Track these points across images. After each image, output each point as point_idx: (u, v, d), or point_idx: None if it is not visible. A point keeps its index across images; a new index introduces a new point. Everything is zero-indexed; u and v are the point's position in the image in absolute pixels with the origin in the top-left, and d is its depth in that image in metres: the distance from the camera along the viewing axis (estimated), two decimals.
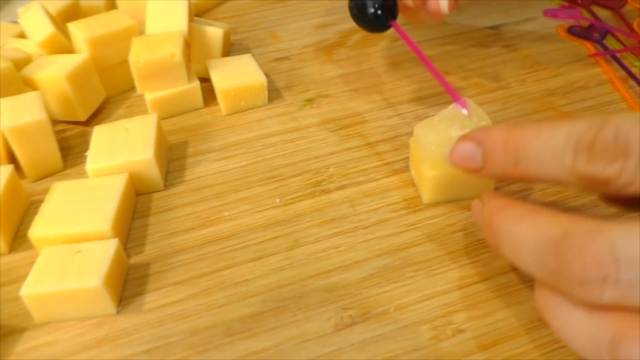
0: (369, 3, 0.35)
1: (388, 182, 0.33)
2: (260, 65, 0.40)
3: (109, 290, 0.26)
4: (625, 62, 0.42)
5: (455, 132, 0.29)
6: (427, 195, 0.31)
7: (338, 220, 0.31)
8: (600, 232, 0.19)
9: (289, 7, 0.52)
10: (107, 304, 0.26)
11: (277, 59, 0.45)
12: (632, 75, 0.40)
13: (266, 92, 0.39)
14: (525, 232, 0.22)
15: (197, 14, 0.48)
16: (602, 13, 0.48)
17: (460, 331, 0.26)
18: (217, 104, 0.40)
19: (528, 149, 0.23)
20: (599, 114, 0.38)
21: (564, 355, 0.24)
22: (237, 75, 0.39)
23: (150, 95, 0.38)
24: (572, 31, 0.46)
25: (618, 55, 0.42)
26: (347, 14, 0.50)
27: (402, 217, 0.31)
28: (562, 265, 0.20)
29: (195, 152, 0.36)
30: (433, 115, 0.31)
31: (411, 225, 0.30)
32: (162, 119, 0.38)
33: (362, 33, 0.47)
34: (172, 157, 0.36)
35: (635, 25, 0.45)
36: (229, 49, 0.45)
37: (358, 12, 0.36)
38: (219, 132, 0.38)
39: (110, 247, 0.27)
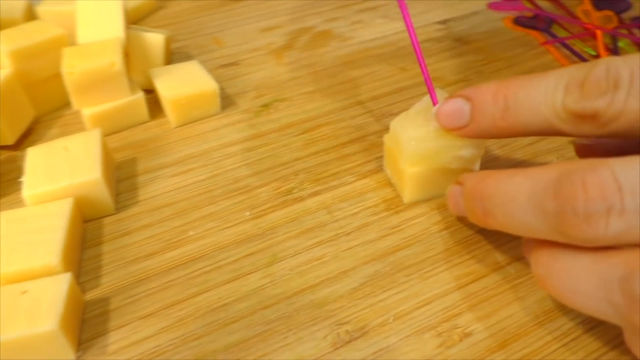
0: None
1: (363, 185, 0.31)
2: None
3: (66, 334, 0.22)
4: (575, 49, 0.42)
5: (435, 125, 0.27)
6: (407, 194, 0.29)
7: (316, 229, 0.28)
8: (601, 164, 0.19)
9: (229, 12, 0.49)
10: (65, 350, 0.23)
11: (223, 65, 0.42)
12: (585, 61, 0.40)
13: (219, 99, 0.36)
14: (520, 184, 0.21)
15: (130, 23, 0.44)
16: (543, 3, 0.49)
17: (467, 335, 0.24)
18: (164, 116, 0.37)
19: (519, 94, 0.23)
20: None
21: (582, 344, 0.23)
22: (186, 83, 0.36)
23: (89, 110, 0.34)
24: (519, 22, 0.46)
25: (568, 42, 0.42)
26: (292, 15, 0.48)
27: (384, 219, 0.29)
28: (565, 204, 0.19)
29: (147, 169, 0.33)
30: (407, 110, 0.29)
31: (395, 228, 0.28)
32: (104, 135, 0.34)
33: (311, 34, 0.45)
34: (121, 177, 0.32)
35: (578, 12, 0.46)
36: (170, 57, 0.42)
37: None
38: (171, 146, 0.34)
39: (62, 282, 0.24)
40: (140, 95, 0.35)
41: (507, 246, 0.27)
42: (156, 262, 0.27)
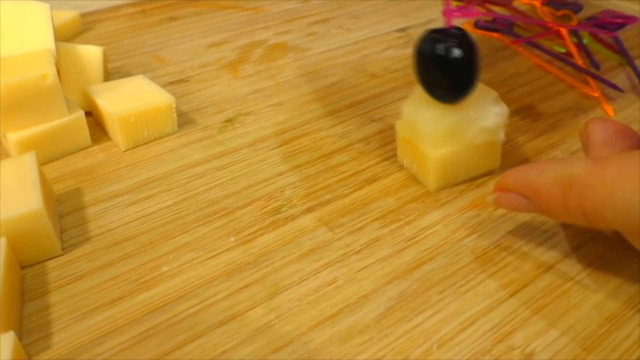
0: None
1: (362, 195, 0.27)
2: None
3: None
4: (544, 47, 0.40)
5: None
6: (433, 181, 0.26)
7: (319, 249, 0.24)
8: None
9: (166, 30, 0.44)
10: None
11: (172, 83, 0.37)
12: (561, 59, 0.38)
13: (175, 115, 0.31)
14: None
15: None
16: (496, 8, 0.48)
17: (529, 355, 0.19)
18: (108, 139, 0.31)
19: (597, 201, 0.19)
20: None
21: None
22: (135, 98, 0.30)
23: (16, 135, 0.28)
24: (479, 25, 0.44)
25: (536, 41, 0.41)
26: (237, 31, 0.44)
27: (396, 231, 0.25)
28: None
29: (96, 200, 0.27)
30: (412, 92, 0.26)
31: (411, 240, 0.24)
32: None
33: (264, 47, 0.41)
34: (63, 211, 0.26)
35: (539, 13, 0.45)
36: (108, 77, 0.36)
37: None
38: (123, 171, 0.28)
39: (3, 344, 0.17)
40: (79, 114, 0.29)
41: (543, 247, 0.24)
42: (124, 308, 0.21)
